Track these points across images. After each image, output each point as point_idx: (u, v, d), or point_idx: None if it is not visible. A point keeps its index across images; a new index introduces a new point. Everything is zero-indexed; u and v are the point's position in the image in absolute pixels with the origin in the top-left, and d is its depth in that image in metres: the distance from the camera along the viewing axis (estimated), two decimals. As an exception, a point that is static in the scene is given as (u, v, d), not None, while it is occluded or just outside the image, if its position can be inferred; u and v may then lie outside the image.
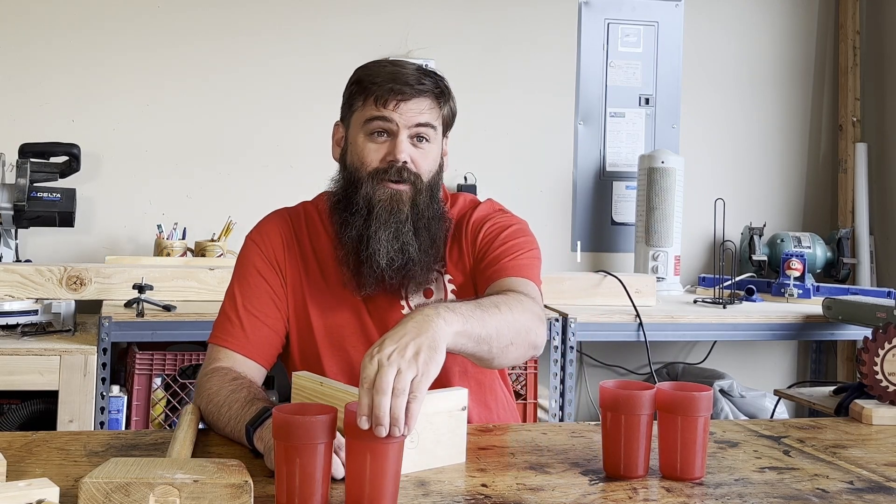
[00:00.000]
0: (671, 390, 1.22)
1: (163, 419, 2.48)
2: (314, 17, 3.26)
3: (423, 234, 1.50)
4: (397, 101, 1.46)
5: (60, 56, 3.06)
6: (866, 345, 1.63)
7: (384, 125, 1.47)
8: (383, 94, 1.46)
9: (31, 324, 2.44)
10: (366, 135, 1.49)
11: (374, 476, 1.03)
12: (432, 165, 1.51)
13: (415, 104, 1.47)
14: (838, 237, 3.42)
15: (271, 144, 3.22)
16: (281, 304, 1.54)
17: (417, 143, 1.49)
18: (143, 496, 0.96)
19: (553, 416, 2.68)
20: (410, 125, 1.47)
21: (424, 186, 1.50)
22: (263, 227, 1.60)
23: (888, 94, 3.58)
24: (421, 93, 1.47)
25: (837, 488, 1.20)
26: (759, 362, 3.61)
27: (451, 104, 1.54)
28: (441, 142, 1.55)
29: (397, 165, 1.46)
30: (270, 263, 1.55)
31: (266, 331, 1.51)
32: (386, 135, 1.48)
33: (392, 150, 1.47)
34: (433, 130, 1.50)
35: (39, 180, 2.78)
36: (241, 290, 1.54)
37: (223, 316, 1.53)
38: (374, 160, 1.48)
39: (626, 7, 3.54)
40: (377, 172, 1.48)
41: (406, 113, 1.46)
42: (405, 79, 1.47)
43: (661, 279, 3.18)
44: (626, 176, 3.51)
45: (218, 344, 1.50)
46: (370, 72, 1.51)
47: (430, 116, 1.49)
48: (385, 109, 1.46)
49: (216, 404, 1.36)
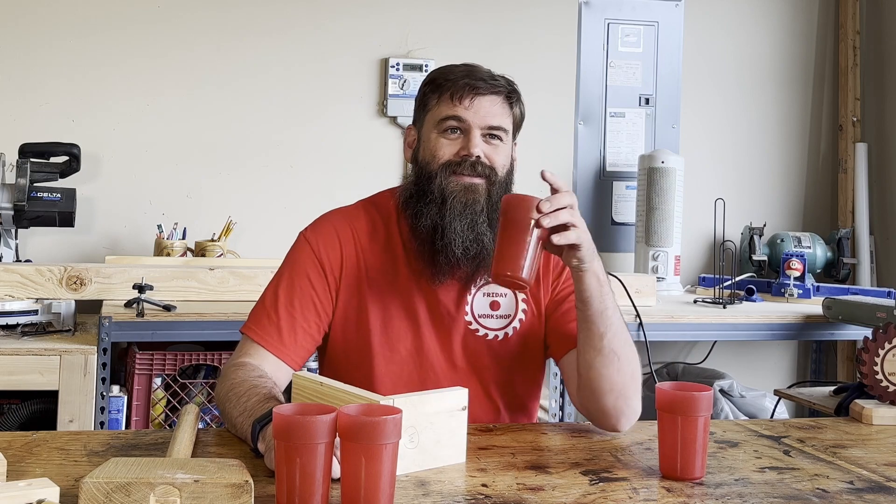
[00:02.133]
0: (671, 390, 1.22)
1: (163, 419, 2.48)
2: (314, 17, 3.26)
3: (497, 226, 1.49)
4: (472, 96, 1.47)
5: (61, 56, 3.06)
6: (866, 345, 1.63)
7: (458, 124, 1.48)
8: (458, 89, 1.48)
9: (31, 324, 2.44)
10: (439, 132, 1.50)
11: (369, 478, 1.03)
12: (505, 161, 1.52)
13: (488, 101, 1.48)
14: (838, 237, 3.42)
15: (271, 144, 3.22)
16: (323, 309, 1.52)
17: (490, 141, 1.50)
18: (144, 496, 0.96)
19: (553, 416, 2.69)
20: (483, 126, 1.48)
21: (499, 181, 1.50)
22: (320, 227, 1.58)
23: (888, 94, 3.58)
24: (494, 89, 1.49)
25: (837, 488, 1.20)
26: (759, 362, 3.61)
27: (521, 107, 1.56)
28: (511, 142, 1.55)
29: (471, 160, 1.47)
30: (321, 266, 1.53)
31: (302, 335, 1.50)
32: (459, 132, 1.49)
33: (466, 144, 1.48)
34: (505, 133, 1.51)
35: (39, 180, 2.78)
36: (286, 288, 1.52)
37: (262, 310, 1.51)
38: (447, 154, 1.49)
39: (626, 7, 3.54)
40: (449, 164, 1.48)
41: (479, 110, 1.48)
42: (479, 75, 1.50)
43: (662, 279, 3.18)
44: (626, 176, 3.51)
45: (252, 338, 1.49)
46: (444, 71, 1.54)
47: (501, 118, 1.50)
48: (459, 105, 1.47)
49: (236, 394, 1.36)
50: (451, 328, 1.53)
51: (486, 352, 1.55)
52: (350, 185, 3.28)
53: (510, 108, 1.52)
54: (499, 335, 1.55)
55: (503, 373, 1.56)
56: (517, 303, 1.56)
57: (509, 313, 1.56)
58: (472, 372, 1.54)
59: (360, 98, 3.28)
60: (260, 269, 2.60)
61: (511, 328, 1.56)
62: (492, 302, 1.55)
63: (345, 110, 3.27)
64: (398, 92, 3.25)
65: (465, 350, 1.54)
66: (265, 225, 3.17)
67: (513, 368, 1.56)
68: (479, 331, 1.54)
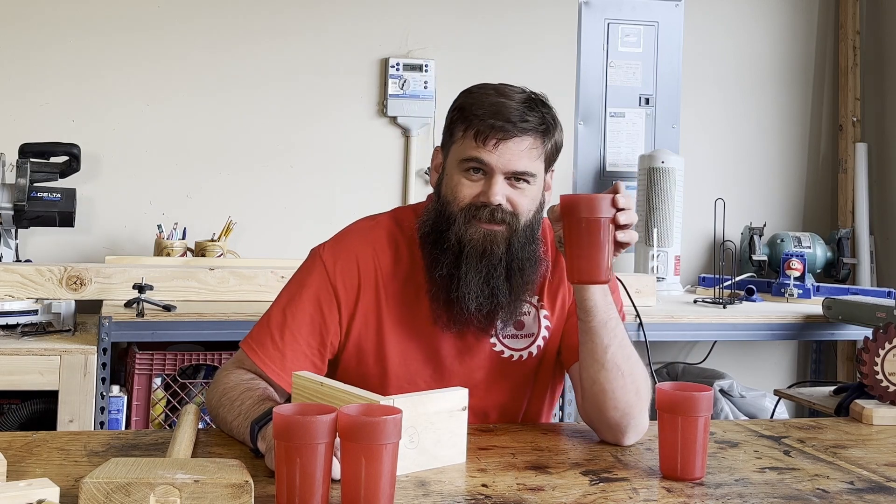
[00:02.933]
0: (671, 390, 1.22)
1: (163, 419, 2.48)
2: (314, 18, 3.26)
3: (515, 277, 1.43)
4: (497, 140, 1.37)
5: (61, 56, 3.06)
6: (866, 345, 1.63)
7: (480, 165, 1.39)
8: (484, 129, 1.37)
9: (31, 324, 2.44)
10: (461, 171, 1.41)
11: (370, 478, 1.03)
12: (531, 205, 1.43)
13: (515, 144, 1.38)
14: (838, 237, 3.42)
15: (271, 144, 3.22)
16: (330, 340, 1.46)
17: (516, 184, 1.40)
18: (144, 496, 0.96)
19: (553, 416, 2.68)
20: (507, 171, 1.39)
21: (521, 227, 1.41)
22: (339, 249, 1.49)
23: (888, 94, 3.58)
24: (524, 132, 1.38)
25: (838, 488, 1.20)
26: (759, 362, 3.61)
27: (557, 137, 1.44)
28: (542, 178, 1.45)
29: (490, 207, 1.39)
30: (335, 293, 1.46)
31: (306, 363, 1.44)
32: (482, 172, 1.40)
33: (487, 190, 1.39)
34: (532, 177, 1.41)
35: (39, 180, 2.78)
36: (293, 309, 1.45)
37: (266, 330, 1.45)
38: (468, 196, 1.40)
39: (626, 7, 3.54)
40: (470, 209, 1.40)
41: (504, 154, 1.37)
42: (507, 114, 1.38)
43: (662, 279, 3.18)
44: (626, 176, 3.51)
45: (252, 358, 1.44)
46: (473, 99, 1.41)
47: (528, 162, 1.39)
48: (483, 149, 1.38)
49: (230, 398, 1.36)
50: (474, 351, 1.49)
51: (509, 372, 1.51)
52: (350, 185, 3.30)
53: (542, 146, 1.41)
54: (523, 355, 1.51)
55: (520, 390, 1.53)
56: (539, 320, 1.52)
57: (532, 332, 1.52)
58: (491, 391, 1.51)
59: (360, 98, 3.28)
60: (260, 269, 2.60)
61: (535, 346, 1.52)
62: (516, 322, 1.50)
63: (345, 110, 3.27)
64: (398, 92, 3.25)
65: (489, 373, 1.50)
66: (265, 225, 3.17)
67: (533, 386, 1.54)
68: (503, 352, 1.50)
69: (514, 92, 1.42)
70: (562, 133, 1.46)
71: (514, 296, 1.44)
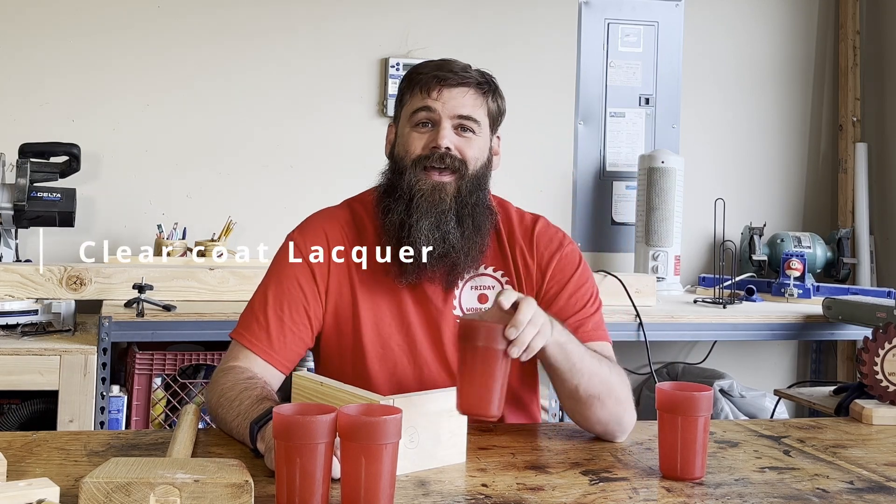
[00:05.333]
0: (671, 390, 1.22)
1: (163, 419, 2.48)
2: (314, 18, 3.26)
3: (466, 221, 1.50)
4: (440, 87, 1.48)
5: (61, 56, 3.06)
6: (866, 345, 1.63)
7: (428, 115, 1.49)
8: (427, 80, 1.49)
9: (31, 324, 2.44)
10: (411, 126, 1.51)
11: (370, 478, 1.03)
12: (478, 154, 1.51)
13: (458, 92, 1.49)
14: (838, 237, 3.42)
15: (271, 144, 3.22)
16: (314, 312, 1.52)
17: (462, 133, 1.50)
18: (144, 496, 0.96)
19: (553, 416, 2.69)
20: (453, 115, 1.48)
21: (469, 175, 1.50)
22: (306, 228, 1.58)
23: (888, 94, 3.58)
24: (464, 80, 1.50)
25: (837, 488, 1.20)
26: (759, 362, 3.61)
27: (499, 101, 1.55)
28: (489, 136, 1.55)
29: (440, 152, 1.48)
30: (310, 268, 1.53)
31: (292, 338, 1.49)
32: (430, 125, 1.50)
33: (435, 137, 1.48)
34: (476, 124, 1.51)
35: (39, 180, 2.78)
36: (275, 292, 1.51)
37: (251, 314, 1.51)
38: (418, 147, 1.50)
39: (626, 7, 3.54)
40: (420, 159, 1.49)
41: (449, 101, 1.48)
42: (450, 67, 1.51)
43: (661, 279, 3.18)
44: (626, 176, 3.51)
45: (241, 343, 1.49)
46: (418, 66, 1.55)
47: (472, 108, 1.50)
48: (429, 97, 1.48)
49: (228, 399, 1.36)
50: (440, 323, 1.53)
51: None
52: (350, 185, 3.26)
53: (484, 100, 1.52)
54: None
55: None
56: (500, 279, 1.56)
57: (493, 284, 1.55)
58: None
59: (360, 98, 3.28)
60: (260, 269, 2.59)
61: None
62: (479, 295, 1.55)
63: (345, 110, 3.27)
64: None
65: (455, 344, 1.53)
66: (265, 225, 3.16)
67: None
68: None
69: (456, 60, 1.54)
70: (504, 103, 1.57)
71: (466, 239, 1.49)
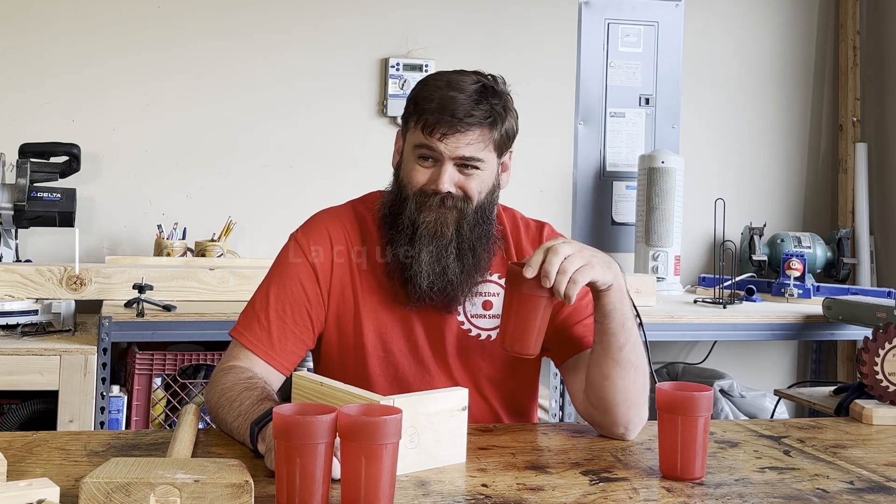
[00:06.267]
0: (671, 390, 1.22)
1: (163, 419, 2.48)
2: (314, 18, 3.26)
3: (466, 256, 1.49)
4: (442, 133, 1.43)
5: (61, 56, 3.06)
6: (866, 345, 1.63)
7: (430, 153, 1.46)
8: (431, 122, 1.44)
9: (31, 324, 2.44)
10: (415, 158, 1.48)
11: (370, 478, 1.03)
12: (482, 188, 1.48)
13: (462, 137, 1.43)
14: (838, 237, 3.43)
15: (271, 144, 3.22)
16: (315, 314, 1.51)
17: (464, 171, 1.46)
18: (144, 496, 0.96)
19: (553, 416, 2.69)
20: (455, 157, 1.45)
21: (471, 210, 1.48)
22: (311, 228, 1.57)
23: (888, 94, 3.59)
24: (469, 126, 1.43)
25: (837, 488, 1.20)
26: (759, 362, 3.61)
27: (508, 125, 1.49)
28: (496, 164, 1.50)
29: (441, 195, 1.45)
30: (313, 268, 1.52)
31: (293, 340, 1.49)
32: (432, 160, 1.46)
33: (436, 178, 1.45)
34: (481, 162, 1.46)
35: (39, 180, 2.78)
36: (277, 291, 1.51)
37: (252, 313, 1.51)
38: (419, 182, 1.47)
39: (626, 7, 3.54)
40: (421, 195, 1.47)
41: (451, 144, 1.44)
42: (454, 109, 1.43)
43: (661, 279, 3.18)
44: (626, 176, 3.51)
45: (241, 343, 1.49)
46: (426, 93, 1.48)
47: (476, 149, 1.45)
48: (431, 138, 1.44)
49: (228, 399, 1.36)
50: (443, 328, 1.53)
51: (479, 352, 1.54)
52: (350, 185, 3.26)
53: (490, 135, 1.46)
54: (491, 335, 1.54)
55: (497, 373, 1.55)
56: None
57: (500, 313, 1.55)
58: (466, 371, 1.54)
59: (361, 98, 3.28)
60: (260, 269, 2.59)
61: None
62: (484, 301, 1.55)
63: (345, 110, 3.27)
64: (398, 92, 3.25)
65: (459, 350, 1.54)
66: (265, 225, 3.17)
67: (507, 368, 1.55)
68: (471, 331, 1.54)
69: (465, 83, 1.46)
70: (515, 118, 1.51)
71: (466, 274, 1.50)
